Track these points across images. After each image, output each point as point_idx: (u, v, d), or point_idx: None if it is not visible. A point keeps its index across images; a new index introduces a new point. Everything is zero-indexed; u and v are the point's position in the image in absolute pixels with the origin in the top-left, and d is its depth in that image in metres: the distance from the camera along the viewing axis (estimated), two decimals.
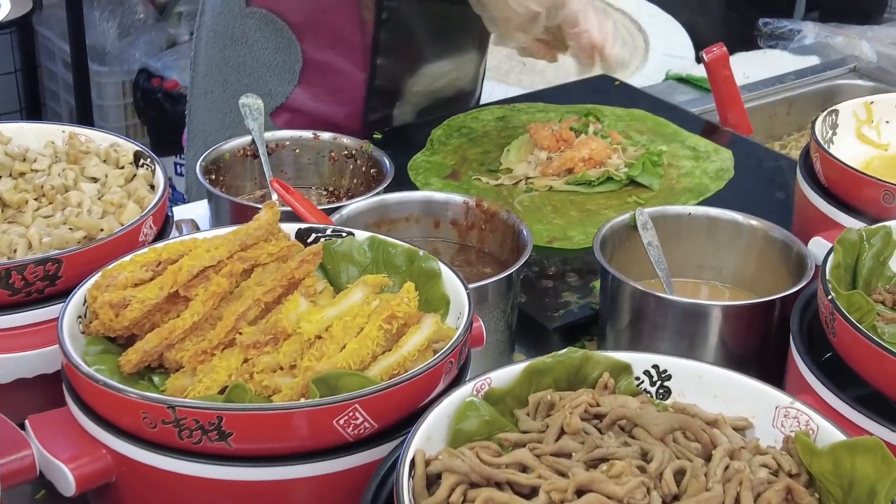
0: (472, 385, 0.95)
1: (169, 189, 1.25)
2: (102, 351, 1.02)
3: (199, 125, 1.90)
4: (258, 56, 1.78)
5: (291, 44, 1.76)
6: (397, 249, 1.15)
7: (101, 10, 3.82)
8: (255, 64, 1.78)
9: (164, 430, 0.92)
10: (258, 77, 1.78)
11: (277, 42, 1.76)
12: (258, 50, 1.78)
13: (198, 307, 1.02)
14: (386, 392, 0.94)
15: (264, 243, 1.10)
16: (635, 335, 1.27)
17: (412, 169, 1.71)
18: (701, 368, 0.99)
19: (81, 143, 1.31)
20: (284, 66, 1.77)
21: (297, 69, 1.77)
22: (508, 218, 1.37)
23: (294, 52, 1.76)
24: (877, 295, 1.15)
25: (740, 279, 1.37)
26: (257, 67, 1.78)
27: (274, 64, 1.78)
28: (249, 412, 0.91)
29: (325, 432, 0.93)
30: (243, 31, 1.78)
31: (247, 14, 1.77)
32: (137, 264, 1.05)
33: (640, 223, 1.34)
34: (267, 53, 1.77)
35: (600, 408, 0.95)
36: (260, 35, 1.77)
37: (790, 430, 0.94)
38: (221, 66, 1.82)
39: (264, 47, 1.77)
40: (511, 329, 1.32)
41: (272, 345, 1.01)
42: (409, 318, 1.03)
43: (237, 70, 1.81)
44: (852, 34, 2.27)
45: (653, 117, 1.87)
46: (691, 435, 0.91)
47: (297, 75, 1.77)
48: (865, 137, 1.50)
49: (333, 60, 1.77)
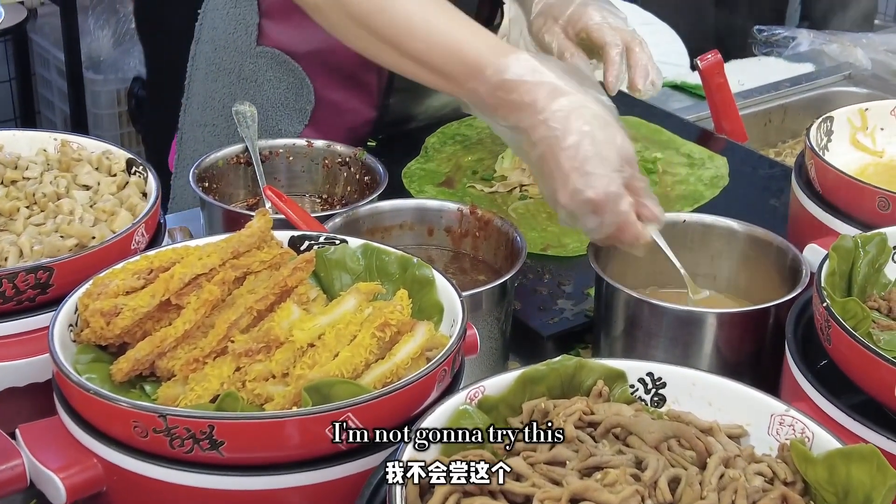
0: (466, 393, 0.95)
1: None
2: (94, 359, 1.02)
3: (192, 155, 1.82)
4: (269, 96, 1.74)
5: (303, 84, 1.73)
6: (391, 257, 1.14)
7: (95, 18, 3.82)
8: (266, 103, 1.73)
9: (156, 438, 0.91)
10: (268, 116, 1.74)
11: (289, 82, 1.73)
12: (269, 90, 1.74)
13: (189, 315, 1.02)
14: (379, 400, 0.93)
15: (257, 251, 1.10)
16: (630, 343, 1.27)
17: (406, 176, 1.71)
18: (696, 376, 0.99)
19: (73, 151, 1.31)
20: (296, 107, 1.74)
21: (308, 110, 1.73)
22: (502, 225, 1.36)
23: (307, 93, 1.73)
24: (872, 302, 1.15)
25: (735, 286, 1.37)
26: (267, 107, 1.74)
27: (285, 104, 1.74)
28: (241, 421, 0.90)
29: (318, 441, 0.92)
30: (253, 69, 1.74)
31: (257, 53, 1.73)
32: (129, 272, 1.05)
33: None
34: (278, 93, 1.74)
35: (594, 416, 0.94)
36: (272, 75, 1.73)
37: (785, 437, 0.94)
38: (226, 101, 1.76)
39: (275, 87, 1.73)
40: (505, 337, 1.31)
41: (264, 353, 1.00)
42: (402, 326, 1.02)
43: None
44: (847, 41, 2.27)
45: (647, 124, 1.87)
46: (686, 443, 0.91)
47: (309, 115, 1.74)
48: (860, 144, 1.50)
49: (345, 100, 1.74)
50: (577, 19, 1.49)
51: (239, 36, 1.74)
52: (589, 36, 1.48)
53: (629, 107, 1.94)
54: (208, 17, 1.80)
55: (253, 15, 1.73)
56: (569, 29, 1.50)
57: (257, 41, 1.73)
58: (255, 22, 1.73)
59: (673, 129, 1.85)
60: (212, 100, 1.80)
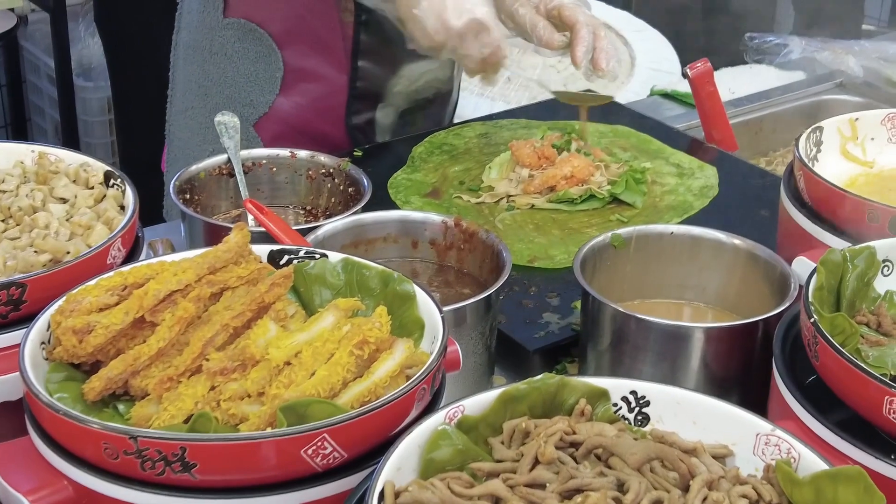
0: (445, 413, 0.93)
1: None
2: (66, 378, 1.00)
3: (179, 144, 1.87)
4: (238, 67, 1.76)
5: (272, 52, 1.74)
6: (371, 272, 1.12)
7: (86, 25, 3.80)
8: (236, 75, 1.76)
9: (127, 461, 0.89)
10: (240, 88, 1.76)
11: (257, 51, 1.74)
12: (238, 61, 1.76)
13: (164, 333, 0.99)
14: (355, 420, 0.91)
15: (234, 266, 1.08)
16: (616, 357, 1.25)
17: (392, 187, 1.69)
18: (680, 395, 0.97)
19: (51, 163, 1.29)
20: (265, 76, 1.75)
21: (278, 77, 1.75)
22: (487, 238, 1.35)
23: (275, 60, 1.74)
24: (861, 317, 1.13)
25: (723, 299, 1.35)
26: (238, 78, 1.76)
27: (255, 74, 1.76)
28: (213, 442, 0.88)
29: (293, 462, 0.90)
30: (222, 43, 1.76)
31: (224, 25, 1.75)
32: (102, 288, 1.03)
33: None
34: (247, 64, 1.75)
35: (576, 436, 0.92)
36: (239, 45, 1.75)
37: (771, 457, 0.92)
38: (201, 80, 1.80)
39: (244, 57, 1.75)
40: (490, 351, 1.29)
41: (240, 371, 0.98)
42: (381, 344, 1.00)
43: (218, 83, 1.78)
44: (838, 49, 2.25)
45: (636, 134, 1.85)
46: (669, 464, 0.89)
47: (279, 84, 1.75)
48: (850, 155, 1.48)
49: (314, 66, 1.75)
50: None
51: (208, 13, 1.76)
52: (560, 14, 1.59)
53: (619, 116, 1.93)
54: (185, 5, 1.82)
55: None
56: (541, 6, 1.61)
57: (224, 13, 1.74)
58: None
59: (662, 139, 1.84)
60: (190, 82, 1.81)
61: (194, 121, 1.82)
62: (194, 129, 1.83)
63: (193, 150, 1.82)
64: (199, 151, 1.79)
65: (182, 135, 1.86)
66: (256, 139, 1.77)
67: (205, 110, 1.80)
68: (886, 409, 0.98)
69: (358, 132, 1.81)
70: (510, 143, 1.73)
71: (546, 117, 1.91)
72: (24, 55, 3.93)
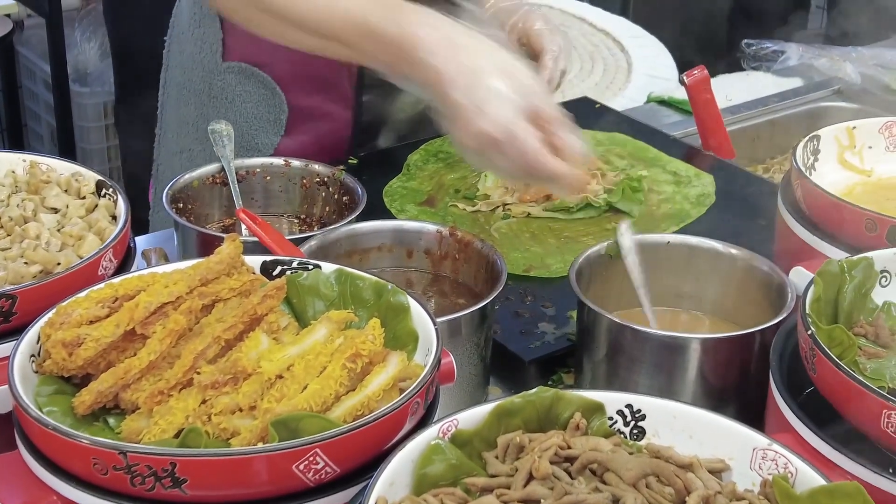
0: (438, 427, 0.92)
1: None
2: (56, 391, 0.98)
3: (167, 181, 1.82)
4: (241, 111, 1.72)
5: (275, 94, 1.71)
6: (365, 283, 1.11)
7: (82, 30, 3.79)
8: (239, 119, 1.71)
9: (116, 476, 0.88)
10: (243, 132, 1.71)
11: (260, 94, 1.71)
12: (240, 104, 1.72)
13: (155, 346, 0.98)
14: (348, 435, 0.90)
15: (226, 277, 1.07)
16: (612, 368, 1.24)
17: (387, 195, 1.68)
18: (676, 408, 0.96)
19: (42, 173, 1.28)
20: (269, 118, 1.72)
21: (282, 119, 1.71)
22: (483, 247, 1.34)
23: (278, 102, 1.71)
24: (859, 328, 1.12)
25: (720, 309, 1.34)
26: (241, 123, 1.71)
27: (258, 117, 1.72)
28: (204, 458, 0.87)
29: (284, 478, 0.89)
30: (222, 87, 1.72)
31: (224, 69, 1.72)
32: (93, 300, 1.02)
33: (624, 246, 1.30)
34: (250, 107, 1.72)
35: (571, 450, 0.91)
36: (241, 89, 1.71)
37: (768, 472, 0.91)
38: (198, 123, 1.75)
39: (247, 101, 1.72)
40: (485, 362, 1.28)
41: (231, 385, 0.97)
42: (374, 356, 0.99)
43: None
44: (836, 56, 2.24)
45: (633, 141, 1.84)
46: (665, 480, 0.88)
47: (284, 125, 1.72)
48: (848, 163, 1.47)
49: (319, 105, 1.72)
50: (520, 25, 1.63)
51: (205, 55, 1.72)
52: (529, 41, 1.62)
53: (615, 123, 1.92)
54: (175, 42, 1.79)
55: (217, 32, 1.72)
56: (512, 34, 1.63)
57: (223, 57, 1.72)
58: (219, 38, 1.72)
59: (659, 146, 1.83)
60: (185, 125, 1.77)
61: (192, 162, 1.75)
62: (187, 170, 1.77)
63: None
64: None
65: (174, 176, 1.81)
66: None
67: (204, 154, 1.73)
68: (884, 422, 0.97)
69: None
70: None
71: None
72: (21, 60, 3.92)
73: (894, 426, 0.96)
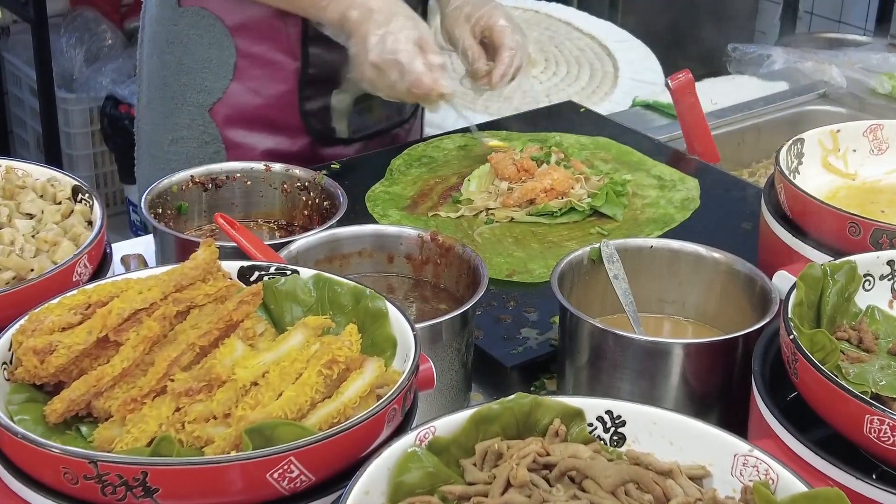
0: (416, 434, 0.91)
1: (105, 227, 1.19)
2: (27, 399, 0.97)
3: (145, 138, 1.90)
4: (193, 54, 1.79)
5: (225, 39, 1.77)
6: (343, 288, 1.10)
7: (68, 36, 3.77)
8: (191, 62, 1.79)
9: (87, 486, 0.87)
10: (195, 75, 1.79)
11: (211, 38, 1.78)
12: (193, 48, 1.79)
13: (128, 353, 0.97)
14: (323, 443, 0.89)
15: (201, 283, 1.05)
16: (594, 374, 1.23)
17: (370, 200, 1.66)
18: (656, 414, 0.95)
19: (18, 178, 1.26)
20: (219, 62, 1.79)
21: (231, 63, 1.78)
22: (464, 252, 1.32)
23: (228, 46, 1.77)
24: (841, 332, 1.11)
25: (703, 314, 1.33)
26: (193, 65, 1.80)
27: (209, 60, 1.79)
28: (175, 467, 0.86)
29: (259, 486, 0.88)
30: (177, 32, 1.80)
31: (179, 14, 1.79)
32: (65, 307, 1.00)
33: (606, 255, 1.30)
34: (201, 50, 1.79)
35: (550, 457, 0.90)
36: (193, 33, 1.78)
37: (749, 478, 0.90)
38: (160, 70, 1.83)
39: (198, 44, 1.79)
40: (467, 368, 1.27)
41: (206, 392, 0.95)
42: (350, 363, 0.98)
43: (175, 71, 1.81)
44: (821, 59, 2.24)
45: (617, 145, 1.83)
46: (644, 487, 0.87)
47: (233, 69, 1.78)
48: (832, 167, 1.46)
49: (267, 52, 1.78)
50: (484, 20, 1.74)
51: (165, 3, 1.80)
52: (491, 36, 1.74)
53: (599, 127, 1.91)
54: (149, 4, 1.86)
55: None
56: (476, 28, 1.74)
57: (178, 2, 1.78)
58: None
59: (644, 150, 1.82)
60: (153, 75, 1.85)
61: (156, 112, 1.86)
62: (157, 122, 1.86)
63: (157, 142, 1.85)
64: (162, 139, 1.83)
65: (147, 128, 1.90)
66: (212, 124, 1.80)
67: (164, 100, 1.83)
68: (867, 427, 0.96)
69: (312, 118, 1.82)
70: (490, 155, 1.71)
71: (528, 128, 1.89)
72: (6, 66, 3.90)
73: (877, 432, 0.95)
